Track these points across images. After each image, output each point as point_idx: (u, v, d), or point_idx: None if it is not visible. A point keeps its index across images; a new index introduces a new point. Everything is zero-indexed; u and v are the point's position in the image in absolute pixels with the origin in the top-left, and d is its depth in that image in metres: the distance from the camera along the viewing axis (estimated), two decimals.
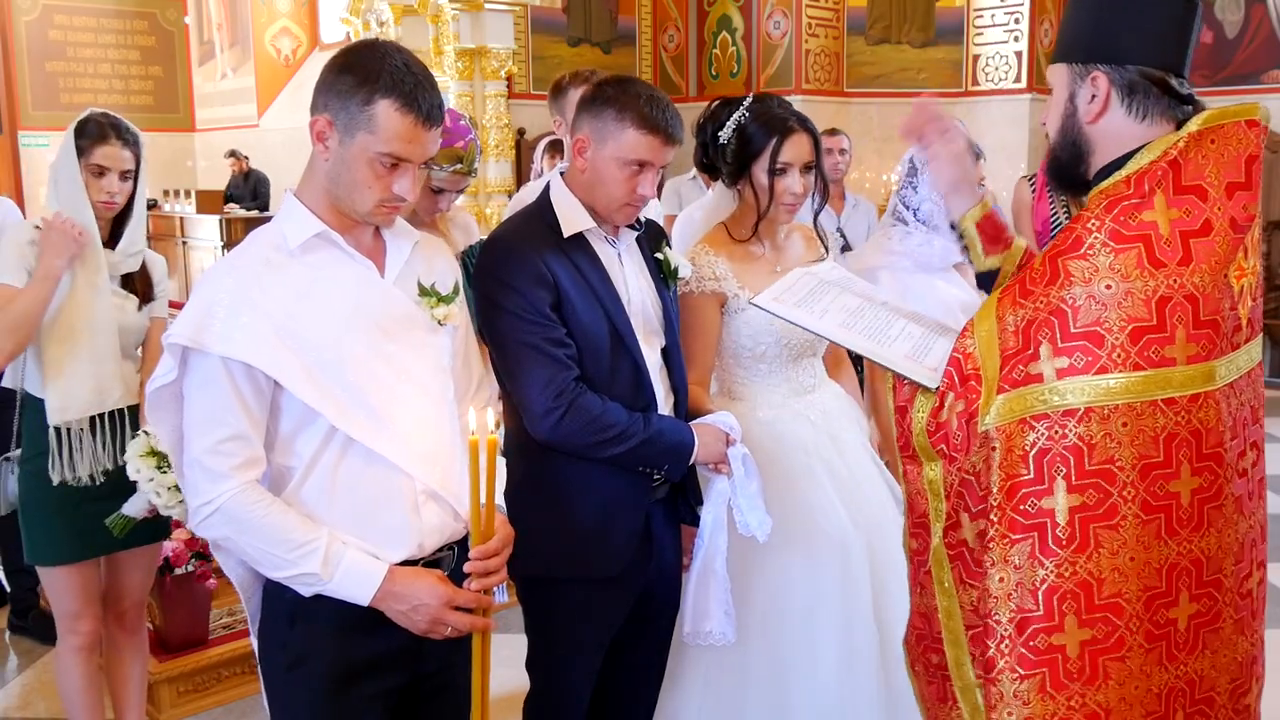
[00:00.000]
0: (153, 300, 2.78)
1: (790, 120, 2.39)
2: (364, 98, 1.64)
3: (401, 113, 1.65)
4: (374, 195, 1.70)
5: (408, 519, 1.77)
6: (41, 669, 3.69)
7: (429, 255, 1.90)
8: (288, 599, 1.76)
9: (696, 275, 2.41)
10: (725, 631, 2.23)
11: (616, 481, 2.13)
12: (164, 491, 2.51)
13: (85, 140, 2.60)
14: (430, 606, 1.71)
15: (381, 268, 1.80)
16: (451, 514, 1.83)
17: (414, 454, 1.76)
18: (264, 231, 1.78)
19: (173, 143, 12.13)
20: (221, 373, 1.66)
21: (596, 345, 2.08)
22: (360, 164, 1.68)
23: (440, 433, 1.82)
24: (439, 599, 1.72)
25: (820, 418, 2.52)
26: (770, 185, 2.39)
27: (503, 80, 6.67)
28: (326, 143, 1.70)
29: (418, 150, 1.69)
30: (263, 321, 1.67)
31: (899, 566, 2.49)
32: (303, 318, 1.69)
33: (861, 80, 8.58)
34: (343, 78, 1.67)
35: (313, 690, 1.78)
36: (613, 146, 2.05)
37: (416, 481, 1.77)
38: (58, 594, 2.71)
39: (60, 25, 11.45)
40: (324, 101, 1.69)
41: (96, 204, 2.62)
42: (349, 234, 1.77)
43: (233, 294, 1.68)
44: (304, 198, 1.76)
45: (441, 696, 1.91)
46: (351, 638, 1.76)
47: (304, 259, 1.73)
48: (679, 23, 9.08)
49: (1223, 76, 8.46)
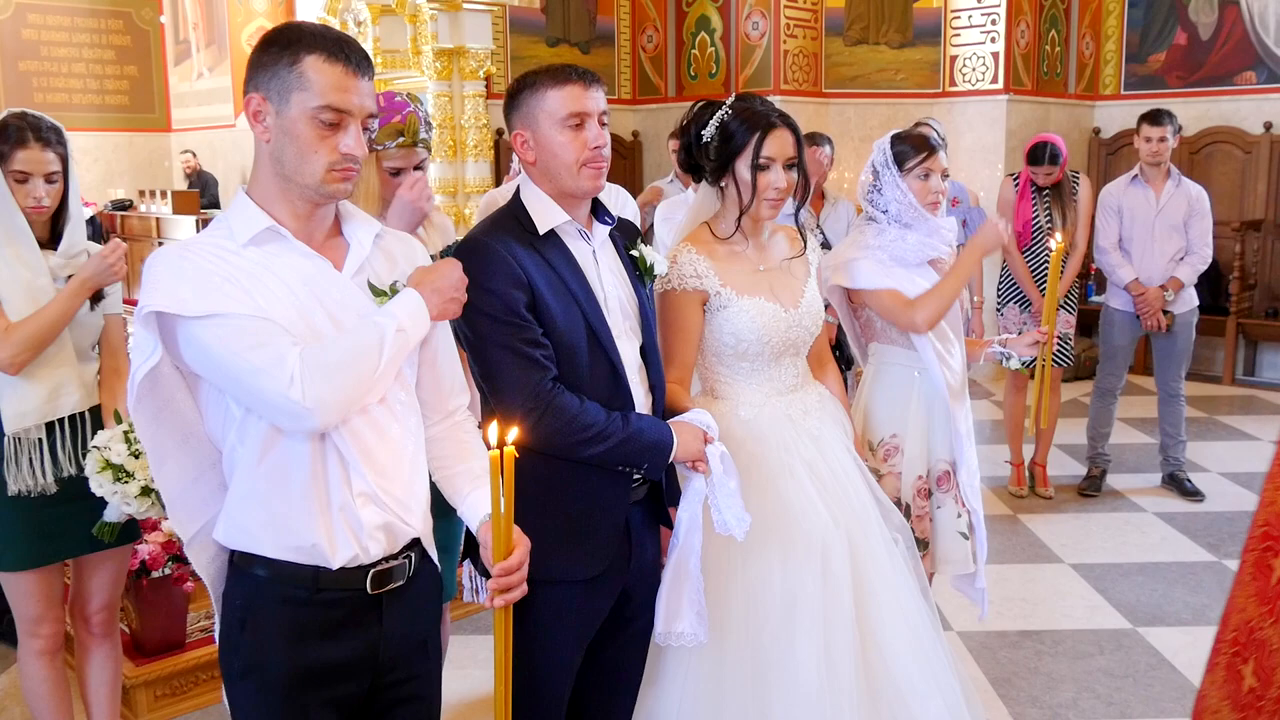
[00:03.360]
0: (104, 298, 2.71)
1: (772, 116, 2.41)
2: (289, 60, 1.64)
3: (329, 62, 1.64)
4: (322, 159, 1.66)
5: (338, 516, 1.71)
6: (16, 674, 3.65)
7: (392, 251, 1.85)
8: (238, 604, 1.74)
9: (678, 273, 2.41)
10: (697, 632, 2.23)
11: (596, 481, 2.13)
12: (132, 500, 2.48)
13: (4, 145, 2.53)
14: (452, 278, 1.79)
15: (339, 265, 1.75)
16: (394, 515, 1.77)
17: (358, 452, 1.71)
18: (209, 229, 1.74)
19: (149, 143, 12.04)
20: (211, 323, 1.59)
21: (573, 344, 2.08)
22: (300, 125, 1.65)
23: (387, 434, 1.76)
24: (456, 280, 1.80)
25: (802, 417, 2.52)
26: (753, 180, 2.40)
27: (481, 80, 6.65)
28: (264, 121, 1.67)
29: (354, 100, 1.67)
30: (230, 287, 1.61)
31: (880, 565, 2.52)
32: (260, 296, 1.64)
33: (840, 81, 8.61)
34: (266, 52, 1.67)
35: (264, 698, 1.75)
36: (544, 115, 2.07)
37: (354, 479, 1.71)
38: (18, 599, 2.67)
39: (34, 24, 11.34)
40: (253, 82, 1.68)
41: (25, 209, 2.55)
42: (303, 235, 1.72)
43: (195, 272, 1.62)
44: (254, 194, 1.73)
45: (405, 708, 1.87)
46: (303, 645, 1.73)
47: (254, 251, 1.68)
48: (658, 23, 9.08)
49: (1197, 78, 8.52)
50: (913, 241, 2.92)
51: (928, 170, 2.92)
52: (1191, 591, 4.31)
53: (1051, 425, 5.45)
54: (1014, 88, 8.15)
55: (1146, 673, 3.64)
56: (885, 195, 2.95)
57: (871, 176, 3.00)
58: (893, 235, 2.93)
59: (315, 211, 1.74)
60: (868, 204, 3.03)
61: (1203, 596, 4.26)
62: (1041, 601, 4.25)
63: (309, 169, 1.67)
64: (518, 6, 7.52)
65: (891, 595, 2.48)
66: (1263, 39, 8.19)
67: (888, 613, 2.46)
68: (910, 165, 2.92)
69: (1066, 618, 4.09)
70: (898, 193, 2.93)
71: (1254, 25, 8.22)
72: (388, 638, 1.80)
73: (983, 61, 8.20)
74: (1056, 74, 8.74)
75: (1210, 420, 7.04)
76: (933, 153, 2.93)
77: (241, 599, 1.73)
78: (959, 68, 8.33)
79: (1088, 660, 3.73)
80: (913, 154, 2.92)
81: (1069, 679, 3.60)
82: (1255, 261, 8.11)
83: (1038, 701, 3.45)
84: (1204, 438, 6.51)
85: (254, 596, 1.72)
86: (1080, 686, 3.54)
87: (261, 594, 1.72)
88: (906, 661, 2.45)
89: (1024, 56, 8.27)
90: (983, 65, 8.20)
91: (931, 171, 2.92)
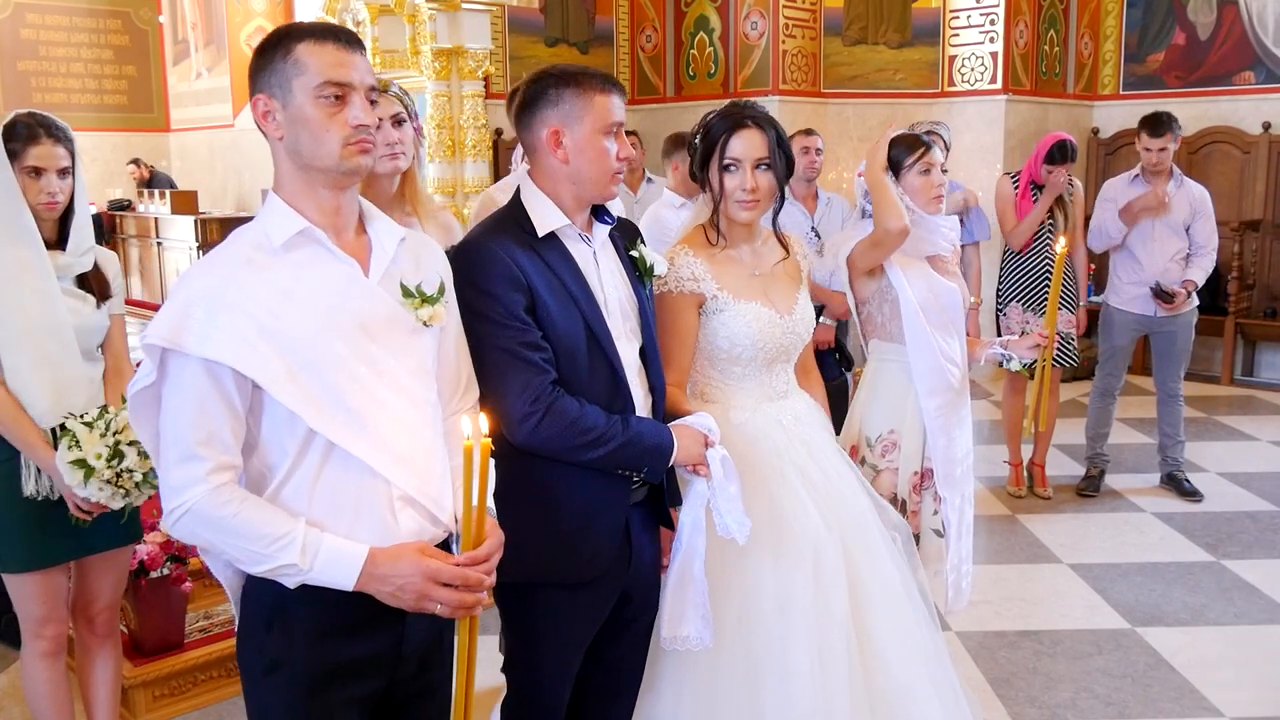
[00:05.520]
0: (110, 298, 2.72)
1: (742, 116, 2.41)
2: (283, 53, 1.71)
3: (319, 43, 1.71)
4: (335, 135, 1.70)
5: (385, 524, 1.75)
6: (15, 673, 3.65)
7: (417, 253, 1.88)
8: (265, 603, 1.75)
9: (675, 275, 2.41)
10: (703, 636, 2.23)
11: (595, 484, 2.12)
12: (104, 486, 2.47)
13: (16, 143, 2.55)
14: (415, 582, 1.71)
15: (366, 266, 1.79)
16: (429, 518, 1.81)
17: (391, 458, 1.75)
18: (246, 230, 1.77)
19: (147, 143, 12.02)
20: (201, 375, 1.65)
21: (573, 347, 2.08)
22: (307, 109, 1.70)
23: (419, 436, 1.81)
24: (423, 574, 1.71)
25: (793, 422, 2.52)
26: (720, 182, 2.41)
27: (480, 80, 6.63)
28: (275, 117, 1.72)
29: (352, 74, 1.72)
30: (244, 321, 1.65)
31: (877, 567, 2.52)
32: (285, 317, 1.68)
33: (838, 81, 8.60)
34: (261, 56, 1.74)
35: (289, 695, 1.76)
36: (589, 120, 2.07)
37: (394, 486, 1.75)
38: (23, 600, 2.67)
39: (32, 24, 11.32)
40: (256, 85, 1.74)
41: (38, 206, 2.56)
42: (333, 230, 1.76)
43: (212, 294, 1.67)
44: (282, 193, 1.77)
45: (422, 700, 1.91)
46: (328, 642, 1.75)
47: (287, 257, 1.72)
48: (656, 23, 9.07)
49: (1195, 78, 8.52)
50: (910, 238, 2.95)
51: (927, 166, 2.96)
52: (1190, 592, 4.31)
53: (1051, 426, 5.45)
54: (1013, 88, 8.15)
55: (1145, 673, 3.64)
56: None
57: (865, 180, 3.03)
58: None
59: (341, 204, 1.78)
60: (863, 204, 3.06)
61: (1201, 596, 4.26)
62: (1040, 601, 4.25)
63: (325, 149, 1.71)
64: (516, 6, 7.51)
65: (888, 597, 2.48)
66: (1261, 39, 8.20)
67: (884, 615, 2.46)
68: (909, 163, 2.96)
69: (1065, 618, 4.09)
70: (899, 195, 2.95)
71: (1253, 25, 8.22)
72: (409, 633, 1.83)
73: (981, 61, 8.20)
74: (1055, 74, 8.74)
75: (1209, 420, 7.04)
76: (928, 149, 2.96)
77: (270, 597, 1.74)
78: (958, 68, 8.33)
79: (1086, 660, 3.73)
80: (908, 153, 2.97)
81: (1067, 679, 3.60)
82: (1254, 261, 8.11)
83: (1036, 701, 3.45)
84: (1202, 438, 6.51)
85: (283, 595, 1.73)
86: (1079, 686, 3.55)
87: (291, 592, 1.72)
88: (903, 662, 2.45)
89: (1022, 56, 8.26)
90: (981, 65, 8.20)
91: (931, 166, 2.96)
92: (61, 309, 2.58)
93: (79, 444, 2.45)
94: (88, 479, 2.45)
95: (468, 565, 1.74)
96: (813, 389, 2.71)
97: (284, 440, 1.71)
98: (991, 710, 3.36)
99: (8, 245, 2.51)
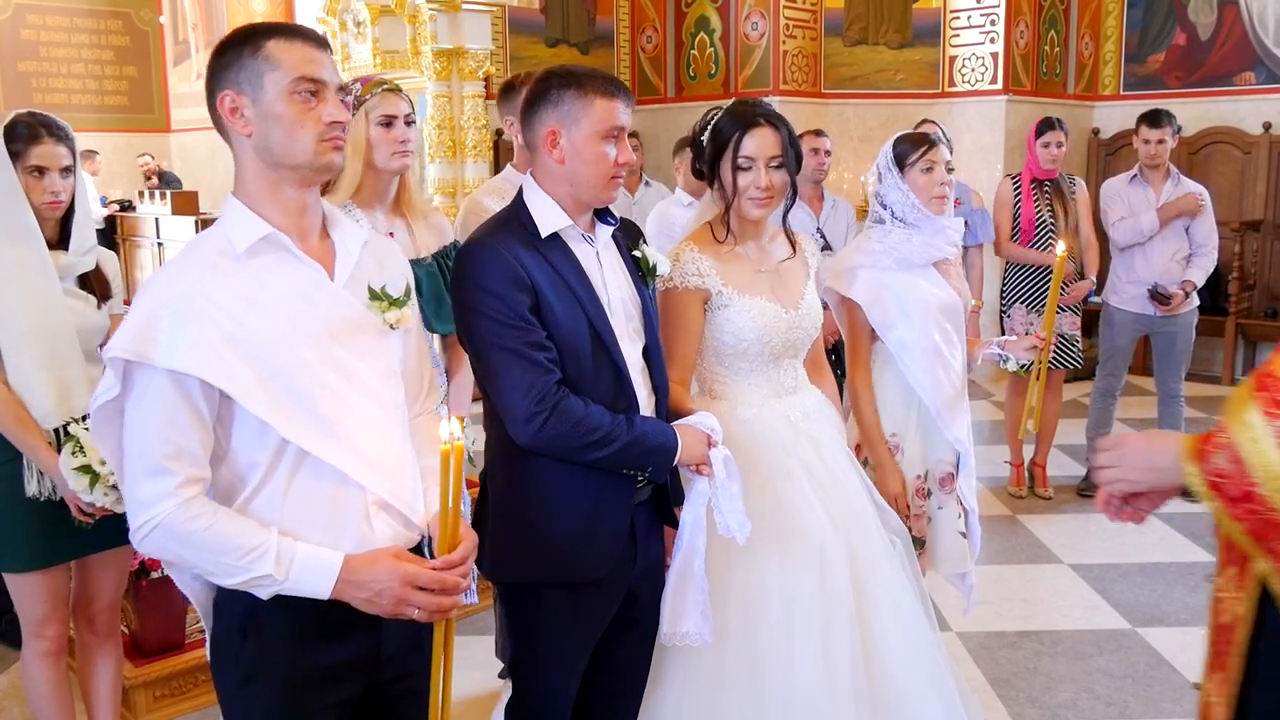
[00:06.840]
0: (111, 297, 2.73)
1: (756, 115, 2.41)
2: (252, 49, 1.68)
3: (290, 41, 1.69)
4: (310, 131, 1.68)
5: (360, 531, 1.73)
6: (15, 674, 3.65)
7: (380, 256, 1.87)
8: (238, 612, 1.73)
9: (680, 271, 2.42)
10: (702, 632, 2.23)
11: (600, 484, 2.12)
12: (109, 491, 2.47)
13: (18, 143, 2.55)
14: (393, 588, 1.68)
15: (331, 270, 1.76)
16: (403, 522, 1.79)
17: (364, 463, 1.73)
18: (208, 236, 1.74)
19: (148, 143, 12.02)
20: (168, 386, 1.61)
21: (576, 347, 2.07)
22: (280, 105, 1.67)
23: (389, 440, 1.79)
24: (400, 579, 1.68)
25: (801, 419, 2.53)
26: (734, 179, 2.41)
27: (480, 81, 6.64)
28: (243, 114, 1.69)
29: (324, 69, 1.71)
30: (210, 330, 1.62)
31: (878, 567, 2.52)
32: (251, 325, 1.65)
33: (839, 81, 8.61)
34: (225, 53, 1.70)
35: (266, 703, 1.75)
36: (588, 123, 2.06)
37: (368, 492, 1.73)
38: (24, 600, 2.67)
39: (33, 25, 11.33)
40: (220, 81, 1.70)
41: (42, 206, 2.56)
42: (297, 233, 1.73)
43: (178, 302, 1.63)
44: (244, 196, 1.73)
45: (404, 704, 1.88)
46: (305, 648, 1.73)
47: (250, 263, 1.68)
48: (657, 23, 9.08)
49: (1196, 78, 8.53)
50: (917, 243, 2.96)
51: (931, 163, 2.96)
52: (1190, 592, 4.31)
53: (1051, 426, 5.45)
54: (1013, 88, 8.16)
55: (1145, 673, 3.64)
56: (889, 197, 2.99)
57: (876, 179, 3.04)
58: (898, 237, 2.97)
59: (307, 204, 1.75)
60: (875, 201, 3.07)
61: (1201, 597, 4.26)
62: (1041, 602, 4.25)
63: (299, 146, 1.68)
64: (517, 7, 7.51)
65: (890, 597, 2.48)
66: (1262, 39, 8.20)
67: (886, 614, 2.46)
68: (913, 160, 2.96)
69: (1065, 618, 4.09)
70: (899, 194, 2.97)
71: (1253, 25, 8.22)
72: (387, 638, 1.81)
73: (982, 62, 8.20)
74: (1056, 74, 8.74)
75: (1210, 420, 7.02)
76: (933, 146, 2.97)
77: (241, 606, 1.72)
78: (958, 68, 8.34)
79: (1087, 660, 3.73)
80: (913, 150, 2.98)
81: (1068, 679, 3.60)
82: (1254, 262, 8.11)
83: (1037, 702, 3.45)
84: None
85: (255, 604, 1.70)
86: (1079, 687, 3.55)
87: (263, 601, 1.70)
88: (905, 663, 2.45)
89: (1023, 57, 8.27)
90: (982, 66, 8.20)
91: (935, 164, 2.96)
92: (64, 309, 2.58)
93: (83, 450, 2.44)
94: (93, 485, 2.45)
95: (444, 569, 1.71)
96: (824, 384, 2.72)
97: (254, 450, 1.68)
98: (992, 710, 3.36)
99: (10, 245, 2.51)
